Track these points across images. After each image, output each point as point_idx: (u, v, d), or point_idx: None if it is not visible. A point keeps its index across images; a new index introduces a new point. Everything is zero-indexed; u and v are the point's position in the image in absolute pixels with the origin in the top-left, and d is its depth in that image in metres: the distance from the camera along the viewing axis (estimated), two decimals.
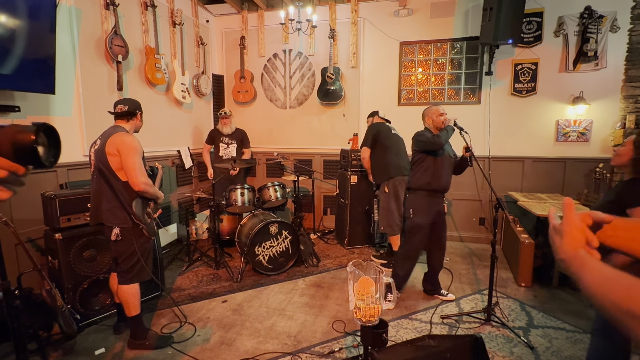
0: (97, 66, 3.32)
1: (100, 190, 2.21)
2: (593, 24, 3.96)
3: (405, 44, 4.67)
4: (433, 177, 2.89)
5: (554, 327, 2.65)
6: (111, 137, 2.16)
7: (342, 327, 2.64)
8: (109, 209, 2.20)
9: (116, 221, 2.20)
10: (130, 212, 2.18)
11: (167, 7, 4.19)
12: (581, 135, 4.22)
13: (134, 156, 2.14)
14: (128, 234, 2.22)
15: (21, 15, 2.38)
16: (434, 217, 2.97)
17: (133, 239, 2.23)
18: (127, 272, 2.28)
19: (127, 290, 2.29)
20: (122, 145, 2.13)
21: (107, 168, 2.16)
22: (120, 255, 2.28)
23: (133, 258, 2.27)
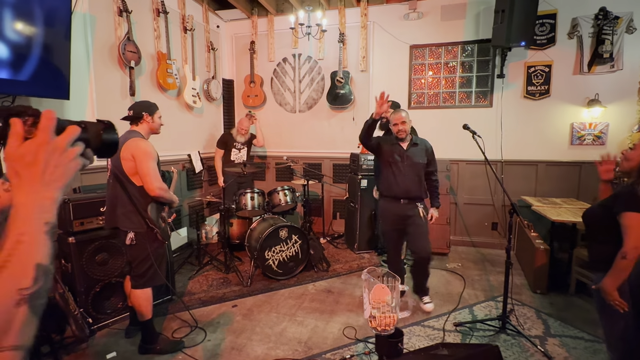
0: (110, 72, 3.37)
1: (116, 194, 2.22)
2: (608, 25, 3.88)
3: (416, 47, 4.65)
4: (391, 183, 2.83)
5: (572, 337, 2.57)
6: (126, 143, 2.16)
7: (353, 334, 2.61)
8: (124, 214, 2.21)
9: (131, 225, 2.21)
10: (145, 216, 2.19)
11: (178, 13, 4.24)
12: (597, 138, 4.13)
13: (148, 161, 2.14)
14: (142, 238, 2.23)
15: (37, 23, 2.43)
16: (398, 222, 2.88)
17: (147, 244, 2.23)
18: (141, 276, 2.28)
19: (140, 294, 2.29)
20: (136, 151, 2.14)
21: (122, 173, 2.17)
22: (134, 259, 2.28)
23: (146, 263, 2.27)
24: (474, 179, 4.58)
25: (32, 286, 0.49)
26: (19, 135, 0.54)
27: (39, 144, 0.54)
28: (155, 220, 2.22)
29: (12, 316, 0.45)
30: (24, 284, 0.48)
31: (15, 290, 0.47)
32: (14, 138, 0.53)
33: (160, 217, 2.29)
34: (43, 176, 0.54)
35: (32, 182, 0.54)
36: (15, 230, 0.51)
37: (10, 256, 0.49)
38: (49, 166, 0.55)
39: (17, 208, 0.53)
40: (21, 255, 0.50)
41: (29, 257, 0.50)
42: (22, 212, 0.52)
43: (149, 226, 2.21)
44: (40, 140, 0.54)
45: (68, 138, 0.57)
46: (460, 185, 4.62)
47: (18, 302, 0.47)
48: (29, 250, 0.50)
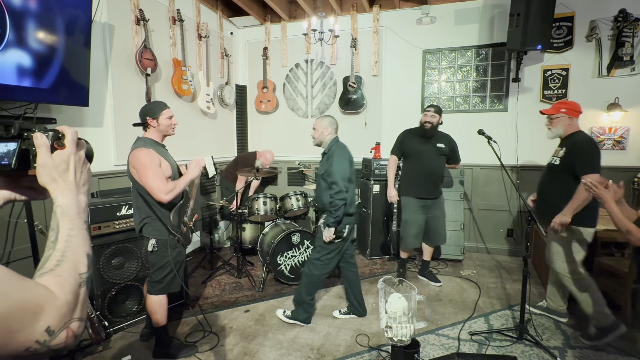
0: (127, 79, 3.44)
1: (137, 202, 2.25)
2: (628, 28, 3.78)
3: (429, 52, 4.62)
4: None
5: (593, 348, 2.48)
6: (130, 155, 2.17)
7: (366, 341, 2.58)
8: (145, 220, 2.22)
9: (153, 232, 2.21)
10: (167, 223, 2.18)
11: (193, 21, 4.32)
12: (617, 143, 4.01)
13: (149, 170, 2.09)
14: (163, 245, 2.22)
15: (59, 32, 2.50)
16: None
17: (168, 251, 2.23)
18: (158, 282, 2.28)
19: (156, 300, 2.30)
20: (134, 163, 2.13)
21: (133, 180, 2.19)
22: (152, 265, 2.28)
23: (165, 269, 2.26)
24: (488, 184, 4.50)
25: (87, 271, 0.60)
26: (47, 147, 0.63)
27: (69, 154, 0.65)
28: (177, 225, 2.23)
29: (78, 295, 0.56)
30: (82, 270, 0.59)
31: (77, 274, 0.57)
32: (43, 149, 0.63)
33: (182, 221, 2.30)
34: (75, 181, 0.65)
35: (69, 186, 0.64)
36: (65, 227, 0.61)
37: (67, 248, 0.59)
38: (77, 173, 0.66)
39: (61, 208, 0.62)
40: (75, 247, 0.60)
41: (80, 248, 0.60)
42: (67, 211, 0.62)
43: (170, 232, 2.21)
44: (70, 151, 0.65)
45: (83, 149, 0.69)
46: (475, 191, 4.54)
47: (80, 284, 0.57)
48: (79, 243, 0.61)
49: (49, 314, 0.50)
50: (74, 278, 0.56)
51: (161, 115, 2.24)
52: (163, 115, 2.25)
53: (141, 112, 2.28)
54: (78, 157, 0.66)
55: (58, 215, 0.62)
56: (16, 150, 0.62)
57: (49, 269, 0.56)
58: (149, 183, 2.09)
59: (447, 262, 4.17)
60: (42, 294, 0.51)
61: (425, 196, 3.45)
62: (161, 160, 2.17)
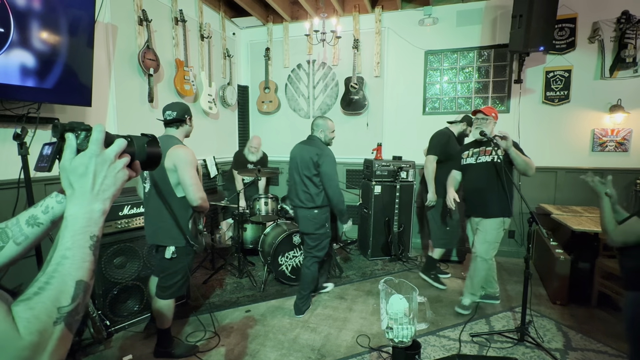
0: (130, 79, 3.45)
1: (157, 208, 2.17)
2: (631, 29, 3.78)
3: (431, 53, 4.62)
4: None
5: (595, 350, 2.48)
6: (168, 152, 2.07)
7: (366, 342, 2.58)
8: (164, 228, 2.17)
9: (171, 241, 2.18)
10: (185, 232, 2.16)
11: (196, 21, 4.33)
12: (619, 145, 4.00)
13: (191, 170, 2.08)
14: (181, 253, 2.21)
15: (62, 32, 2.51)
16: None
17: (185, 258, 2.23)
18: (169, 287, 2.26)
19: (165, 304, 2.28)
20: (178, 160, 2.06)
21: (166, 184, 2.12)
22: (165, 270, 2.25)
23: (178, 275, 2.25)
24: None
25: (70, 304, 0.50)
26: (72, 148, 0.59)
27: (90, 156, 0.58)
28: (195, 235, 2.20)
29: (49, 335, 0.46)
30: (64, 302, 0.49)
31: (54, 309, 0.48)
32: (68, 151, 0.58)
33: (199, 231, 2.28)
34: (93, 187, 0.58)
35: (84, 193, 0.57)
36: (62, 244, 0.53)
37: (55, 272, 0.50)
38: (99, 177, 0.59)
39: (67, 220, 0.55)
40: (65, 273, 0.51)
41: (71, 273, 0.51)
42: (70, 224, 0.55)
43: (188, 241, 2.20)
44: (91, 153, 0.58)
45: (116, 150, 0.61)
46: None
47: (55, 321, 0.48)
48: (72, 266, 0.52)
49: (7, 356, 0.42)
50: (48, 314, 0.47)
51: (192, 118, 2.32)
52: (192, 118, 2.32)
53: (179, 108, 2.23)
54: (103, 159, 0.59)
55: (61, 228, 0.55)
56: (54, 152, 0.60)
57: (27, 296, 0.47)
58: (192, 181, 2.06)
59: (447, 263, 4.17)
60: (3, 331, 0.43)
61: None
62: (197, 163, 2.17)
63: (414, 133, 4.70)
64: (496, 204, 2.85)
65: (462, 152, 3.07)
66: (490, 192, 2.87)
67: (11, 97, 2.33)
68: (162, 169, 2.10)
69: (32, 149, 2.54)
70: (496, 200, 2.85)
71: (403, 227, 4.25)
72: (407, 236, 4.34)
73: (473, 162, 2.96)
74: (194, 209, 2.18)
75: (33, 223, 0.71)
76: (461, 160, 3.06)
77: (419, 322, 1.63)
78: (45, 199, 0.73)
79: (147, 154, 0.67)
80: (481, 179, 2.90)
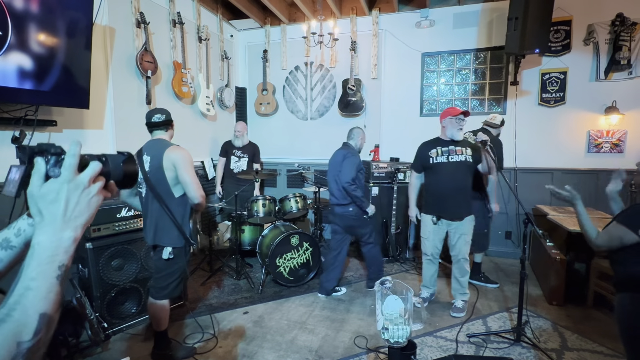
0: (128, 81, 3.46)
1: (153, 209, 2.20)
2: (625, 32, 3.82)
3: (427, 55, 4.64)
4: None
5: (590, 350, 2.50)
6: (166, 152, 2.12)
7: (364, 343, 2.59)
8: (163, 228, 2.20)
9: (169, 241, 2.20)
10: (186, 230, 2.19)
11: (194, 23, 4.34)
12: (615, 146, 4.04)
13: (191, 169, 2.13)
14: (178, 253, 2.23)
15: (60, 35, 2.52)
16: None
17: (181, 258, 2.25)
18: (164, 288, 2.27)
19: (159, 305, 2.29)
20: (177, 159, 2.11)
21: (163, 185, 2.15)
22: (160, 271, 2.26)
23: (174, 275, 2.27)
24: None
25: (31, 339, 0.47)
26: (41, 174, 0.55)
27: (62, 182, 0.55)
28: (193, 234, 2.24)
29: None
30: (25, 337, 0.46)
31: (14, 343, 0.45)
32: (36, 177, 0.55)
33: (196, 229, 2.31)
34: (65, 213, 0.55)
35: (54, 220, 0.54)
36: (26, 274, 0.50)
37: (17, 304, 0.47)
38: (71, 203, 0.55)
39: (33, 249, 0.52)
40: (27, 304, 0.48)
41: (34, 306, 0.48)
42: (37, 253, 0.52)
43: (188, 241, 2.22)
44: (63, 179, 0.56)
45: (90, 174, 0.58)
46: None
47: (14, 357, 0.44)
48: (35, 298, 0.49)
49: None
50: (7, 349, 0.44)
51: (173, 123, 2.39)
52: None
53: (166, 112, 2.33)
54: (75, 184, 0.56)
55: (27, 256, 0.52)
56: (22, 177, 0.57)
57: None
58: (192, 179, 2.12)
59: (445, 264, 4.18)
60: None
61: None
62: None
63: (411, 135, 4.71)
64: (470, 203, 2.99)
65: (429, 150, 2.97)
66: (466, 191, 2.92)
67: (9, 99, 2.34)
68: (160, 171, 2.13)
69: None
70: (470, 199, 2.99)
71: (400, 229, 4.27)
72: (405, 237, 4.35)
73: (445, 160, 2.90)
74: (195, 207, 2.21)
75: (6, 246, 0.68)
76: (430, 158, 2.95)
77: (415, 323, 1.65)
78: (17, 220, 0.70)
79: (124, 173, 0.65)
80: (457, 178, 2.89)
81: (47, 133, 2.77)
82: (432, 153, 2.95)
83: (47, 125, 2.71)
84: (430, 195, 3.04)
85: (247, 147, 4.44)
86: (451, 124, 2.89)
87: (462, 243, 2.98)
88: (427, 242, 3.07)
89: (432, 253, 3.07)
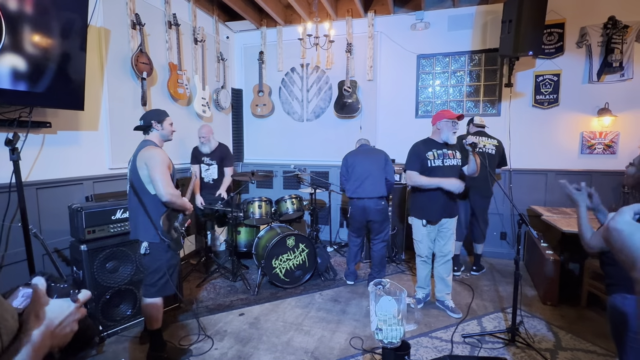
0: (123, 82, 3.45)
1: (133, 205, 2.30)
2: (617, 34, 3.86)
3: (423, 57, 4.67)
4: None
5: (584, 350, 2.52)
6: (140, 152, 2.24)
7: (359, 344, 2.59)
8: (141, 224, 2.27)
9: (146, 236, 2.26)
10: (157, 227, 2.23)
11: (190, 25, 4.34)
12: (607, 147, 4.08)
13: (160, 167, 2.18)
14: (155, 249, 2.27)
15: (55, 36, 2.51)
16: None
17: (161, 255, 2.28)
18: (152, 286, 2.31)
19: (150, 303, 2.32)
20: (148, 158, 2.20)
21: (139, 182, 2.23)
22: (146, 268, 2.34)
23: (158, 273, 2.30)
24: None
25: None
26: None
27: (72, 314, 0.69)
28: (167, 231, 2.26)
29: None
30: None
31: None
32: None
33: (173, 227, 2.32)
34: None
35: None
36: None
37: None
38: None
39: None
40: None
41: None
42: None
43: (160, 238, 2.25)
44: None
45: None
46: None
47: None
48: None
49: None
50: None
51: (165, 121, 2.39)
52: (167, 121, 2.40)
53: (146, 116, 2.38)
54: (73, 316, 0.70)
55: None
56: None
57: None
58: (160, 177, 2.16)
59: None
60: None
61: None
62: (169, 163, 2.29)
63: (406, 136, 4.72)
64: (458, 204, 3.11)
65: (425, 152, 2.91)
66: (457, 194, 2.93)
67: (2, 101, 2.32)
68: (135, 168, 2.23)
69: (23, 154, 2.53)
70: (458, 201, 3.10)
71: (396, 230, 4.29)
72: (400, 238, 4.37)
73: (440, 164, 2.91)
74: (165, 204, 2.24)
75: None
76: (427, 161, 2.90)
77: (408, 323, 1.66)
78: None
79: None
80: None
81: (42, 135, 2.76)
82: (429, 155, 2.90)
83: (42, 126, 2.69)
84: (423, 199, 2.95)
85: (215, 152, 4.01)
86: (447, 126, 2.89)
87: (451, 242, 3.03)
88: (420, 244, 3.08)
89: (426, 254, 3.09)
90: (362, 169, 3.45)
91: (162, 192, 2.17)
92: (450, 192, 2.88)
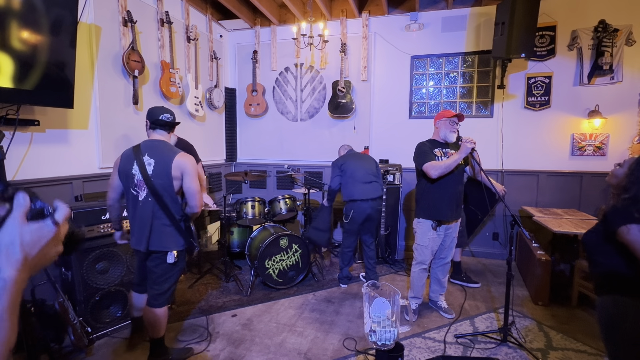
0: (114, 80, 3.40)
1: (146, 213, 2.11)
2: (607, 38, 3.92)
3: (417, 58, 4.69)
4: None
5: (575, 350, 2.54)
6: (176, 160, 2.08)
7: (353, 345, 2.59)
8: (168, 233, 2.13)
9: (173, 245, 2.14)
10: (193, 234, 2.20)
11: (182, 23, 4.30)
12: (598, 149, 4.13)
13: (197, 177, 2.12)
14: (182, 256, 2.21)
15: (43, 33, 2.46)
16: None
17: (182, 261, 2.23)
18: (163, 294, 2.20)
19: (161, 313, 2.21)
20: (185, 168, 2.09)
21: (169, 190, 2.10)
22: (160, 276, 2.18)
23: (172, 279, 2.22)
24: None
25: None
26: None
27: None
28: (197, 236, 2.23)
29: None
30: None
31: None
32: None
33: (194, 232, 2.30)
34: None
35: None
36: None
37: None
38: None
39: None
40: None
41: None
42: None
43: (191, 243, 2.20)
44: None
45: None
46: None
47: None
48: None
49: None
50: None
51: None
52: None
53: (174, 114, 2.29)
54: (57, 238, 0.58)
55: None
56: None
57: None
58: (197, 189, 2.11)
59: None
60: None
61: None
62: None
63: (400, 137, 4.75)
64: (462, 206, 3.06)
65: (432, 150, 2.87)
66: (462, 194, 2.95)
67: None
68: (167, 177, 2.07)
69: (10, 152, 2.47)
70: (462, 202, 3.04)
71: (390, 230, 4.29)
72: (394, 239, 4.38)
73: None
74: (191, 215, 2.21)
75: None
76: (435, 157, 2.84)
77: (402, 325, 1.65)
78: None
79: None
80: (457, 181, 2.87)
81: (29, 133, 2.70)
82: (437, 152, 2.85)
83: (29, 125, 2.64)
84: (430, 199, 2.85)
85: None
86: (445, 125, 2.89)
87: (453, 245, 3.03)
88: (425, 250, 2.90)
89: (427, 262, 2.95)
90: (363, 172, 3.51)
91: (197, 203, 2.11)
92: (460, 191, 2.89)
